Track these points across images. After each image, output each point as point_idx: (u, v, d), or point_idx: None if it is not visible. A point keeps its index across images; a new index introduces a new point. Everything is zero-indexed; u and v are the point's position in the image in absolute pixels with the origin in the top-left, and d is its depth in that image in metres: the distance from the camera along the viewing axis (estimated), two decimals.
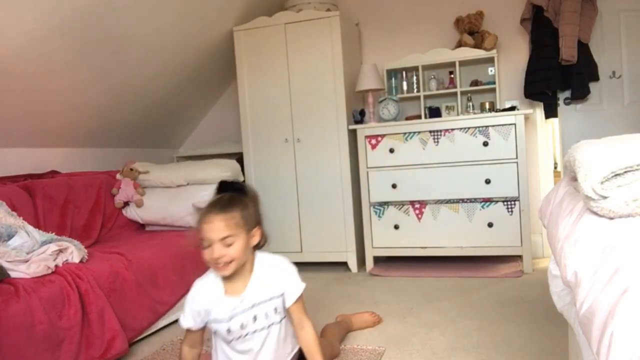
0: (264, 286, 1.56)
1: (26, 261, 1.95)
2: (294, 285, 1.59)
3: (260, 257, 1.60)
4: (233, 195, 1.55)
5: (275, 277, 1.58)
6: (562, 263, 1.08)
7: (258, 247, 1.61)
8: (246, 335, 1.55)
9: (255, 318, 1.54)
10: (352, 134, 3.48)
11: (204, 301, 1.55)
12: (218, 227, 1.46)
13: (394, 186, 3.38)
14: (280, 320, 1.59)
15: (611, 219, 1.02)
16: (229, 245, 1.47)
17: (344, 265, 3.56)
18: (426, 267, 3.43)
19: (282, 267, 1.62)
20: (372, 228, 3.46)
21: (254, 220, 1.55)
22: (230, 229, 1.46)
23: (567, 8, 3.19)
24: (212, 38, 3.56)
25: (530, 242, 3.17)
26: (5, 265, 1.88)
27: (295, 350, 1.65)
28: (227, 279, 1.55)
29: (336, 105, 3.43)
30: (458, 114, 3.55)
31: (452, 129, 3.25)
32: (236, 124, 3.92)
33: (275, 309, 1.57)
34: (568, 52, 3.17)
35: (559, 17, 3.23)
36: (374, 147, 3.42)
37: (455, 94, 3.55)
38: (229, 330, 1.54)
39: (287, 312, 1.61)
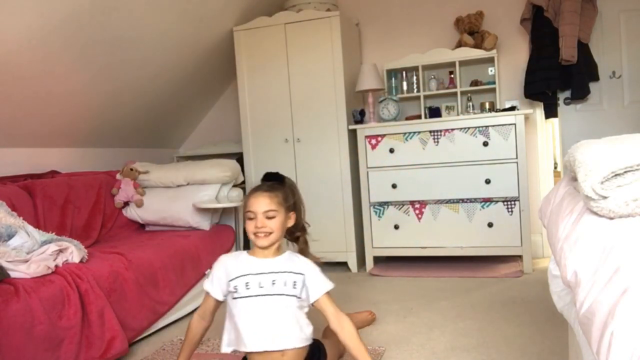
0: (285, 263, 1.68)
1: (26, 261, 1.95)
2: (319, 279, 1.70)
3: (289, 252, 1.75)
4: (274, 183, 1.76)
5: (297, 263, 1.70)
6: (562, 263, 1.08)
7: (292, 234, 1.81)
8: (258, 296, 1.61)
9: (273, 282, 1.63)
10: (352, 134, 3.48)
11: (230, 261, 1.70)
12: (264, 201, 1.67)
13: (394, 186, 3.38)
14: (297, 297, 1.63)
15: (611, 219, 1.02)
16: (270, 218, 1.66)
17: (344, 265, 3.56)
18: (426, 267, 3.43)
19: (305, 261, 1.74)
20: (372, 228, 3.46)
21: (291, 205, 1.74)
22: (273, 205, 1.67)
23: (567, 8, 3.19)
24: (212, 38, 3.56)
25: (530, 242, 3.17)
26: (5, 265, 1.88)
27: (301, 346, 1.66)
28: (254, 252, 1.70)
29: (336, 105, 3.43)
30: (458, 114, 3.55)
31: (452, 129, 3.25)
32: (236, 124, 3.92)
33: (295, 283, 1.64)
34: (568, 52, 3.17)
35: (559, 17, 3.23)
36: (374, 147, 3.42)
37: (455, 94, 3.55)
38: (247, 285, 1.62)
39: (320, 310, 1.71)
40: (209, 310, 1.74)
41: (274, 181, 1.77)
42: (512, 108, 3.28)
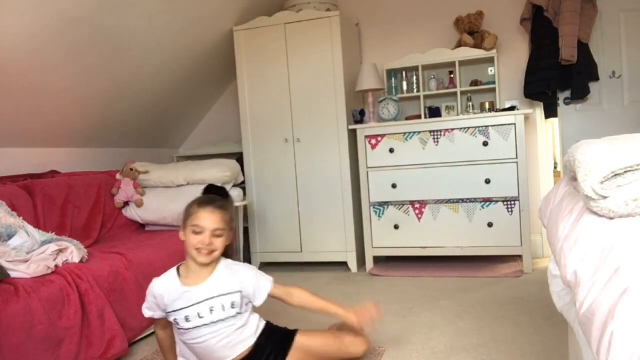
0: (220, 283, 1.68)
1: (26, 261, 1.95)
2: (257, 285, 1.72)
3: (224, 260, 1.75)
4: (222, 198, 1.76)
5: (233, 276, 1.70)
6: (562, 263, 1.08)
7: (226, 254, 1.76)
8: (200, 327, 1.65)
9: (211, 310, 1.64)
10: (352, 134, 3.48)
11: (162, 292, 1.67)
12: (215, 219, 1.65)
13: (394, 186, 3.38)
14: (236, 315, 1.68)
15: (611, 219, 1.02)
16: (218, 237, 1.65)
17: (344, 265, 3.56)
18: (426, 267, 3.43)
19: (241, 269, 1.75)
20: (372, 228, 3.46)
21: (232, 225, 1.75)
22: (223, 224, 1.67)
23: (567, 8, 3.19)
24: (212, 38, 3.56)
25: (530, 242, 3.17)
26: (5, 265, 1.88)
27: (250, 345, 1.73)
28: (185, 274, 1.69)
29: (336, 105, 3.43)
30: (458, 114, 3.55)
31: (452, 129, 3.25)
32: (236, 124, 3.92)
33: (233, 304, 1.67)
34: (568, 52, 3.17)
35: (559, 17, 3.23)
36: (374, 147, 3.42)
37: (455, 94, 3.55)
38: (187, 319, 1.64)
39: (270, 300, 1.75)
40: (166, 323, 1.76)
41: (217, 195, 1.77)
42: (512, 108, 3.28)
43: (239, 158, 3.70)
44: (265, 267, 3.80)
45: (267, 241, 3.67)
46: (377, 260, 3.53)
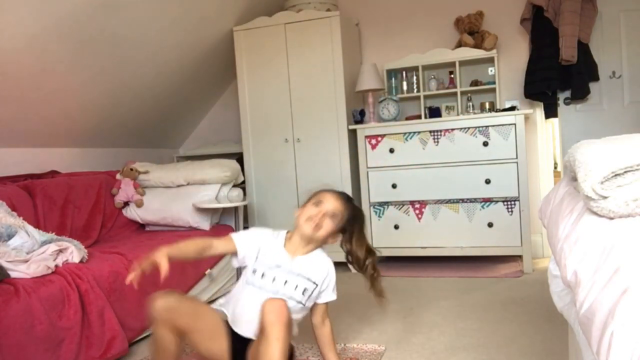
0: (310, 267, 1.75)
1: (26, 261, 1.95)
2: (330, 290, 1.80)
3: (322, 252, 1.83)
4: (349, 200, 1.87)
5: (322, 269, 1.78)
6: (562, 263, 1.08)
7: (360, 265, 1.86)
8: (266, 290, 1.67)
9: (286, 282, 1.69)
10: (352, 134, 3.48)
11: (267, 238, 1.80)
12: (337, 204, 1.77)
13: (394, 186, 3.38)
14: (299, 303, 1.70)
15: (611, 219, 1.02)
16: (330, 218, 1.74)
17: (344, 265, 3.55)
18: (426, 267, 3.43)
19: (331, 269, 1.83)
20: (372, 228, 3.46)
21: (346, 229, 1.83)
22: (339, 212, 1.77)
23: (567, 8, 3.19)
24: (212, 38, 3.56)
25: (530, 242, 3.17)
26: (5, 265, 1.88)
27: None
28: (290, 240, 1.79)
29: (336, 105, 3.43)
30: (458, 114, 3.55)
31: (452, 129, 3.25)
32: (236, 124, 3.92)
33: (305, 290, 1.71)
34: (568, 52, 3.17)
35: (559, 17, 3.23)
36: (374, 147, 3.42)
37: (455, 94, 3.55)
38: (263, 275, 1.69)
39: (311, 310, 1.79)
40: (214, 248, 1.75)
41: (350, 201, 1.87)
42: (512, 108, 3.28)
43: (239, 158, 3.70)
44: None
45: None
46: (377, 260, 3.53)
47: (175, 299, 1.69)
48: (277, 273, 1.70)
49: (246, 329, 1.64)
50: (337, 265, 3.72)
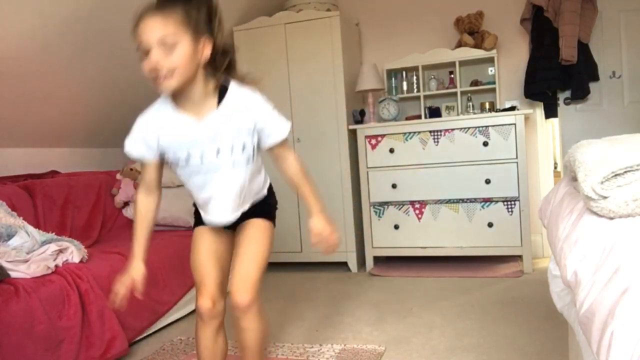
0: (230, 114, 1.32)
1: (26, 261, 1.95)
2: (275, 123, 1.39)
3: (232, 84, 1.36)
4: None
5: (246, 108, 1.34)
6: (562, 263, 1.08)
7: (230, 72, 1.37)
8: (203, 173, 1.37)
9: (218, 151, 1.33)
10: (352, 134, 3.48)
11: (150, 120, 1.35)
12: (154, 25, 1.19)
13: (394, 186, 3.38)
14: (247, 164, 1.39)
15: (611, 219, 1.02)
16: (170, 48, 1.20)
17: (344, 265, 3.56)
18: (426, 267, 3.43)
19: (256, 98, 1.37)
20: (372, 228, 3.46)
21: (204, 27, 1.25)
22: (170, 27, 1.19)
23: (567, 8, 3.19)
24: None
25: (530, 242, 3.17)
26: (5, 265, 1.88)
27: (258, 199, 1.52)
28: (181, 99, 1.31)
29: (336, 105, 3.43)
30: (458, 114, 3.55)
31: (452, 129, 3.25)
32: None
33: (244, 146, 1.35)
34: (568, 52, 3.17)
35: (559, 17, 3.23)
36: (374, 147, 3.42)
37: (455, 94, 3.55)
38: (187, 159, 1.34)
39: (268, 153, 1.46)
40: (153, 184, 1.43)
41: None
42: (512, 108, 3.28)
43: None
44: None
45: None
46: (377, 260, 3.53)
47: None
48: (200, 147, 1.33)
49: (221, 219, 1.45)
50: (337, 265, 3.71)
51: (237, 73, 1.39)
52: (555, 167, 4.21)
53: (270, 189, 1.61)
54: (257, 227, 1.50)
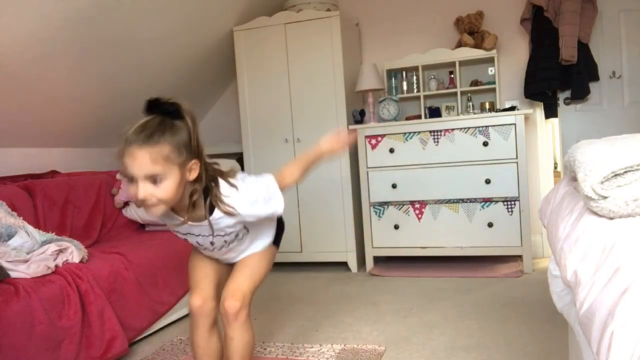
0: (221, 220, 1.39)
1: (26, 261, 1.95)
2: (267, 211, 1.44)
3: (222, 185, 1.39)
4: (163, 119, 1.28)
5: (235, 214, 1.38)
6: (562, 263, 1.08)
7: (213, 177, 1.41)
8: (203, 247, 1.52)
9: (212, 243, 1.48)
10: None
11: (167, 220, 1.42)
12: (142, 162, 1.20)
13: (394, 186, 3.38)
14: (244, 237, 1.52)
15: (611, 219, 1.02)
16: (159, 182, 1.23)
17: (344, 265, 3.56)
18: (426, 267, 3.43)
19: (242, 203, 1.38)
20: (372, 228, 3.46)
21: (191, 152, 1.29)
22: (158, 165, 1.21)
23: (567, 8, 3.19)
24: (212, 38, 3.56)
25: (530, 242, 3.17)
26: (5, 265, 1.88)
27: (267, 243, 1.61)
28: (175, 208, 1.37)
29: (336, 105, 3.43)
30: (458, 114, 3.55)
31: (452, 129, 3.25)
32: (236, 124, 3.92)
33: (237, 234, 1.47)
34: (568, 52, 3.17)
35: (559, 17, 3.23)
36: (374, 147, 3.42)
37: (455, 94, 3.55)
38: (184, 237, 1.50)
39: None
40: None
41: (159, 114, 1.29)
42: (512, 108, 3.28)
43: (239, 158, 3.70)
44: None
45: None
46: (377, 260, 3.53)
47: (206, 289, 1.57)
48: (198, 239, 1.46)
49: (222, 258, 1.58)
50: (337, 264, 3.71)
51: (220, 174, 1.44)
52: (555, 167, 4.21)
53: (280, 222, 1.67)
54: (261, 250, 1.60)
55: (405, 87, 3.68)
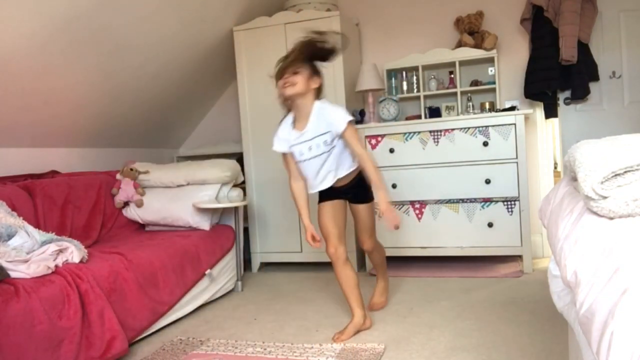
0: (316, 125, 2.16)
1: (26, 261, 1.95)
2: (339, 119, 2.14)
3: (318, 103, 2.18)
4: (310, 42, 2.16)
5: (325, 118, 2.15)
6: (562, 263, 1.08)
7: (318, 97, 2.20)
8: (305, 161, 2.22)
9: (309, 149, 2.19)
10: None
11: (282, 131, 2.25)
12: (289, 62, 2.12)
13: (394, 186, 3.38)
14: (329, 151, 2.19)
15: (611, 219, 1.02)
16: (295, 74, 2.10)
17: None
18: (426, 267, 3.43)
19: (329, 107, 2.18)
20: None
21: (317, 71, 2.17)
22: (296, 64, 2.11)
23: (567, 8, 3.19)
24: (212, 38, 3.56)
25: (530, 242, 3.17)
26: (5, 265, 1.88)
27: (349, 172, 2.28)
28: (296, 119, 2.21)
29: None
30: (458, 114, 3.55)
31: (452, 129, 3.25)
32: (236, 124, 3.92)
33: (325, 142, 2.17)
34: (568, 52, 3.17)
35: (559, 17, 3.23)
36: (374, 147, 3.42)
37: (455, 94, 3.55)
38: (293, 154, 2.24)
39: (344, 143, 2.21)
40: (296, 172, 2.30)
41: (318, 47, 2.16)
42: (512, 108, 3.28)
43: (239, 158, 3.70)
44: (265, 267, 3.80)
45: (267, 241, 3.67)
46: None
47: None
48: (302, 147, 2.19)
49: (324, 187, 2.29)
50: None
51: (322, 95, 2.25)
52: (555, 167, 4.21)
53: (361, 175, 2.32)
54: (365, 206, 2.43)
55: (405, 87, 3.68)
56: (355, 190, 2.35)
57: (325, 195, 2.34)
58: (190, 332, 2.45)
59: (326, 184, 2.27)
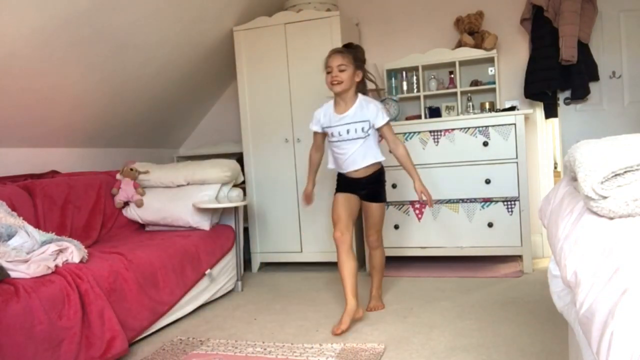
0: (357, 113, 2.45)
1: (26, 261, 1.95)
2: (379, 117, 2.44)
3: (361, 96, 2.48)
4: (349, 45, 2.52)
5: (366, 109, 2.45)
6: (562, 263, 1.08)
7: (362, 91, 2.52)
8: (342, 141, 2.47)
9: (347, 131, 2.45)
10: None
11: (322, 113, 2.53)
12: (339, 58, 2.40)
13: (394, 186, 3.38)
14: (365, 137, 2.45)
15: (611, 219, 1.02)
16: (342, 71, 2.38)
17: None
18: (426, 267, 3.43)
19: (373, 104, 2.47)
20: None
21: (360, 66, 2.46)
22: (345, 61, 2.39)
23: (567, 8, 3.19)
24: (212, 38, 3.56)
25: (530, 242, 3.17)
26: (5, 265, 1.88)
27: (373, 163, 2.50)
28: (337, 103, 2.49)
29: None
30: (458, 114, 3.55)
31: (452, 129, 3.25)
32: (236, 124, 3.92)
33: (362, 129, 2.44)
34: (568, 52, 3.17)
35: (559, 17, 3.23)
36: None
37: (455, 94, 3.55)
38: (332, 134, 2.48)
39: (381, 137, 2.52)
40: (319, 144, 2.63)
41: (348, 47, 2.49)
42: (512, 108, 3.28)
43: (239, 158, 3.70)
44: (266, 267, 3.80)
45: (267, 241, 3.67)
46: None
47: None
48: (340, 128, 2.45)
49: (350, 168, 2.50)
50: (337, 265, 3.70)
51: (366, 90, 2.58)
52: (555, 167, 4.21)
53: (382, 170, 2.60)
54: (377, 205, 2.59)
55: (405, 87, 3.68)
56: (372, 186, 2.54)
57: (343, 187, 2.55)
58: (190, 332, 2.45)
59: (352, 167, 2.50)
